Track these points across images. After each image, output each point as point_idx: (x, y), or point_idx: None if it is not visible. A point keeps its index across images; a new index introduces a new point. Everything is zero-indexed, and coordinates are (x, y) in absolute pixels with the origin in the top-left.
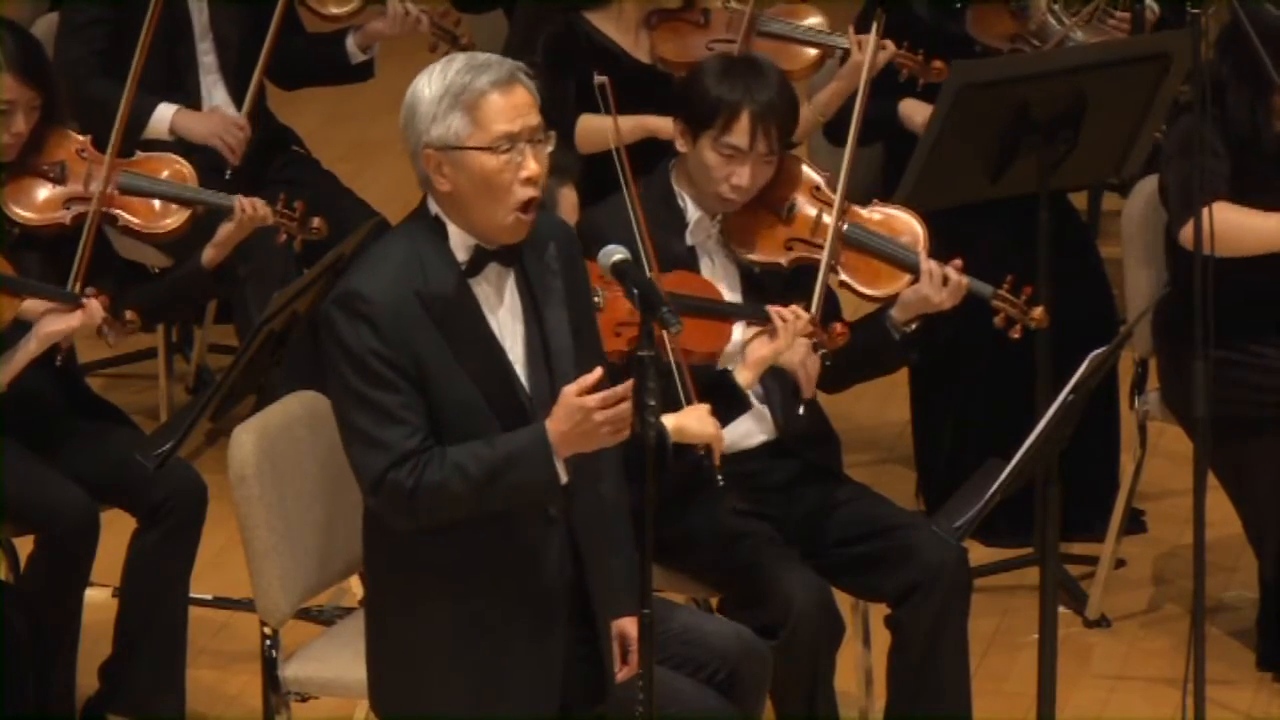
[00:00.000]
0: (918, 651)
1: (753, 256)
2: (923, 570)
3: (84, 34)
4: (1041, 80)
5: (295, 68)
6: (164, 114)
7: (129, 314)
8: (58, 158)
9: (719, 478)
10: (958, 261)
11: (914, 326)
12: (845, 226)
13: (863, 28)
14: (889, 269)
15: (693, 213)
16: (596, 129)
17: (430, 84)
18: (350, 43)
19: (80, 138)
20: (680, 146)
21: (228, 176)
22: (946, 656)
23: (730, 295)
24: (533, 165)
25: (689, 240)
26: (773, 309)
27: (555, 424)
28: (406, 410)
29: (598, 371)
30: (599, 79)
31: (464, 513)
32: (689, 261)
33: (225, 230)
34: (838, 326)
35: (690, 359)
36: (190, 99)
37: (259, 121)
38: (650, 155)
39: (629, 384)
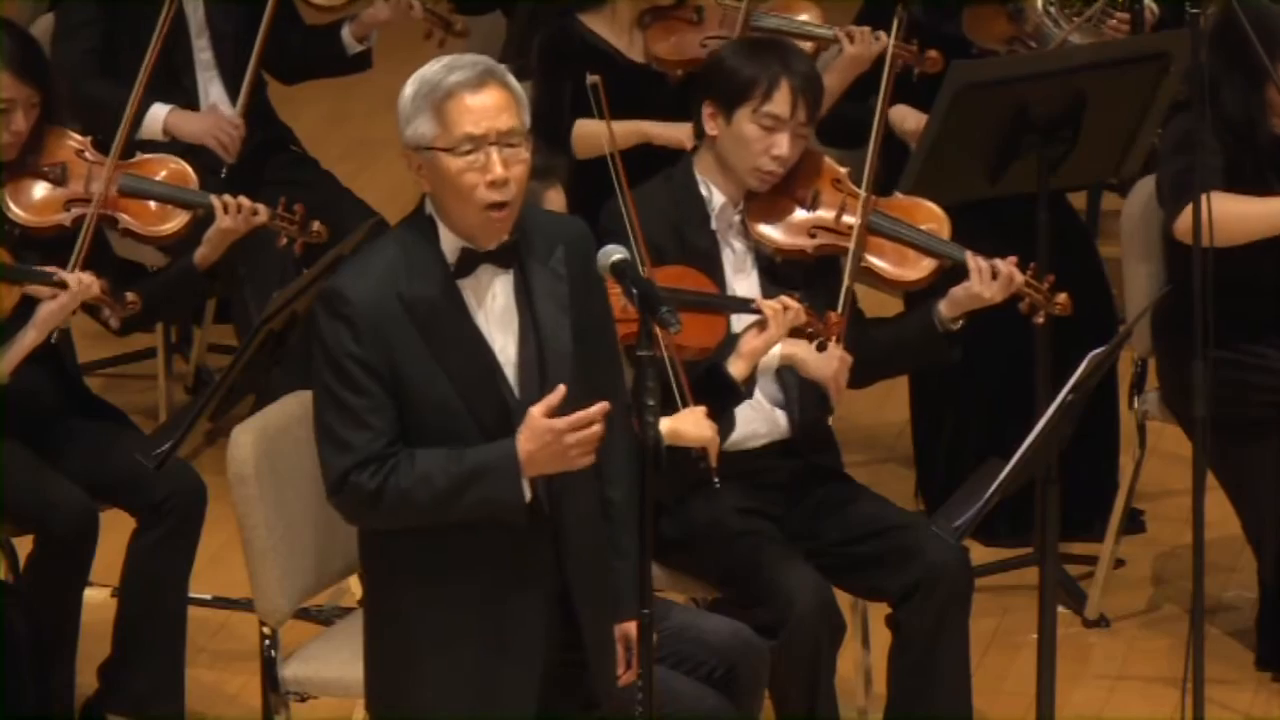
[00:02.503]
0: (918, 651)
1: (779, 240)
2: (924, 570)
3: (77, 35)
4: (1041, 80)
5: (293, 61)
6: (158, 114)
7: (130, 295)
8: (58, 159)
9: (715, 481)
10: (1012, 258)
11: (960, 324)
12: (870, 215)
13: (864, 24)
14: (914, 255)
15: (717, 199)
16: (593, 134)
17: (410, 84)
18: (346, 33)
19: (81, 138)
20: (711, 130)
21: (223, 175)
22: (947, 656)
23: (747, 284)
24: (498, 169)
25: (713, 225)
26: (761, 301)
27: (524, 443)
28: (374, 414)
29: (561, 389)
30: (591, 79)
31: (426, 521)
32: (711, 252)
33: (211, 230)
34: (832, 315)
35: (684, 354)
36: (188, 97)
37: (257, 120)
38: (646, 161)
39: (599, 407)
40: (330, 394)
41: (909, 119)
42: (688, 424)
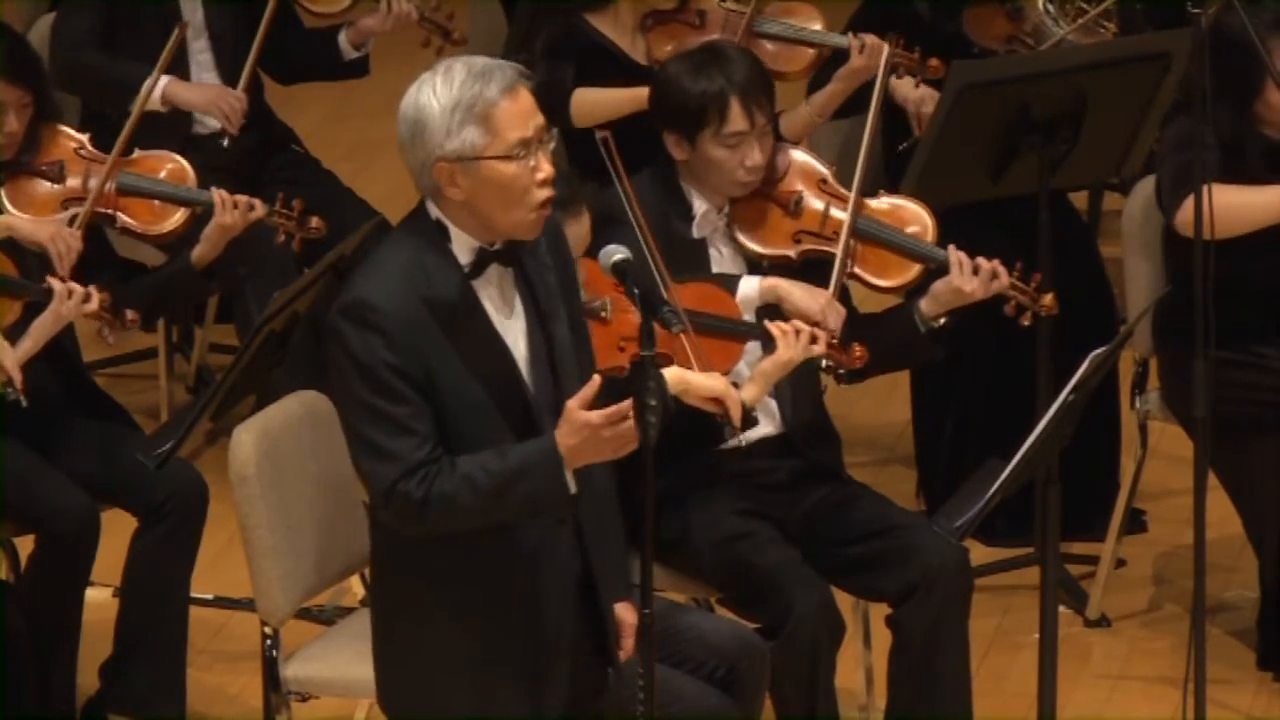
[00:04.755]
0: (918, 651)
1: (761, 250)
2: (924, 570)
3: (80, 13)
4: (1042, 80)
5: (291, 62)
6: (156, 85)
7: (130, 314)
8: (56, 157)
9: (739, 437)
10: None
11: (943, 322)
12: (856, 219)
13: (859, 27)
14: (898, 259)
15: (699, 206)
16: (592, 102)
17: (436, 97)
18: (342, 39)
19: (79, 136)
20: (678, 155)
21: (225, 144)
22: (947, 656)
23: None
24: (547, 167)
25: (695, 233)
26: (772, 325)
27: (563, 438)
28: (416, 420)
29: (596, 381)
30: (600, 135)
31: (474, 523)
32: (699, 253)
33: (210, 227)
34: (856, 349)
35: None
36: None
37: (258, 119)
38: (651, 140)
39: (629, 403)
40: (367, 406)
41: (911, 90)
42: (698, 375)
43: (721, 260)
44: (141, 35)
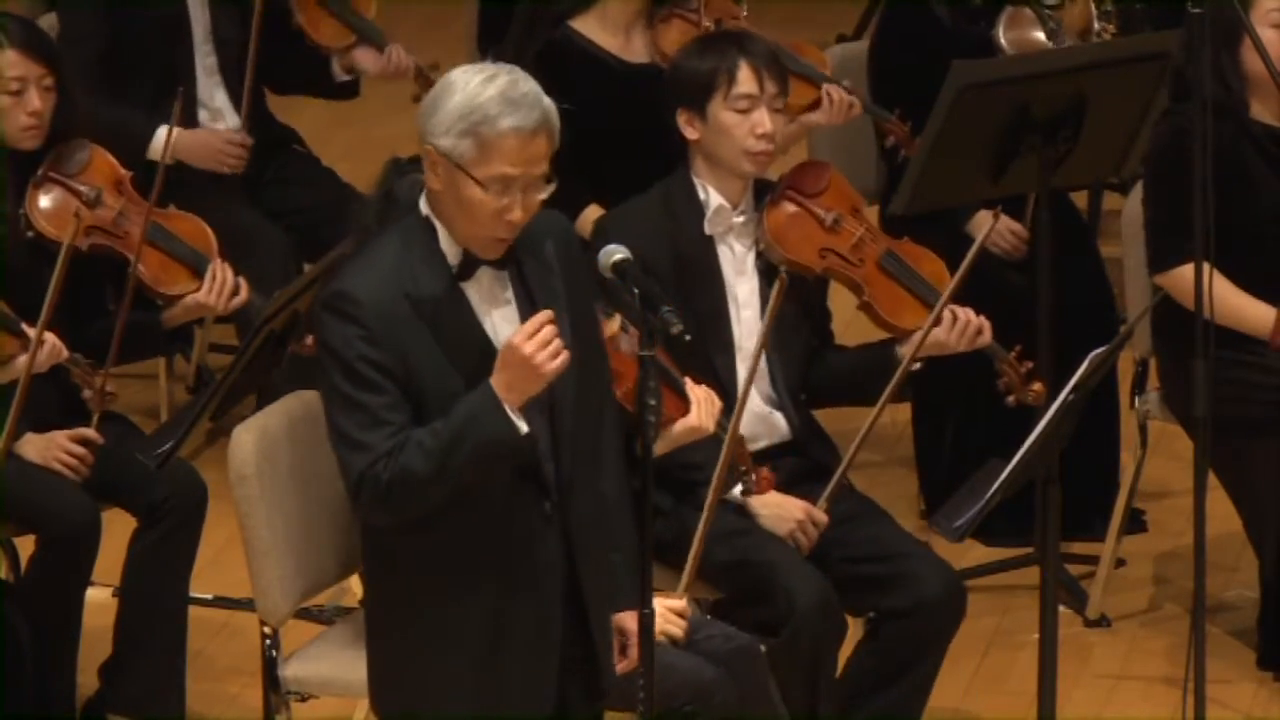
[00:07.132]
0: (891, 664)
1: (786, 255)
2: (918, 600)
3: (83, 44)
4: (1041, 80)
5: (286, 74)
6: (162, 136)
7: (110, 390)
8: (97, 183)
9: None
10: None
11: (917, 366)
12: (883, 253)
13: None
14: (915, 304)
15: (714, 201)
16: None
17: (465, 90)
18: (334, 63)
19: (122, 171)
20: (691, 135)
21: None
22: (915, 674)
23: (748, 287)
24: (517, 212)
25: (707, 230)
26: (691, 387)
27: (496, 375)
28: (390, 412)
29: (540, 316)
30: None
31: (437, 491)
32: (706, 258)
33: (190, 298)
34: (764, 471)
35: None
36: (188, 102)
37: (257, 122)
38: (640, 172)
39: (544, 314)
40: (343, 397)
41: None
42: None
43: (732, 258)
44: (146, 62)
